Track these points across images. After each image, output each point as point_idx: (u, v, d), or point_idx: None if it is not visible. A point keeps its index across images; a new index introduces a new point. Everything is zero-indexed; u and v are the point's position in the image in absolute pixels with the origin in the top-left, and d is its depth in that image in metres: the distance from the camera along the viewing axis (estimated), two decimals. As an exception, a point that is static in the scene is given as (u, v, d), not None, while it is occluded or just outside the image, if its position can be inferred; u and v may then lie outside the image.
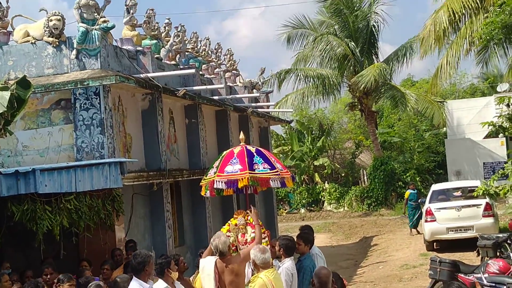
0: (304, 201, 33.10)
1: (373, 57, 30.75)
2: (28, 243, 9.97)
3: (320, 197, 33.04)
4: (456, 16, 16.91)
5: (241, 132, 9.62)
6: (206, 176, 8.98)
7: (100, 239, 10.52)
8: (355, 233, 25.45)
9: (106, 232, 10.71)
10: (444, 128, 32.20)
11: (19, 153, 11.38)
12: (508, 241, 12.39)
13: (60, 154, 11.21)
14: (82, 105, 11.17)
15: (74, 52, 11.43)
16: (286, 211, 33.66)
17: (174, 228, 14.20)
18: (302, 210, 32.84)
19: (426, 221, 17.59)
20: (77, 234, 10.12)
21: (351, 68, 29.96)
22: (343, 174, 34.34)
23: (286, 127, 35.25)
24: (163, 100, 13.40)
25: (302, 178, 34.04)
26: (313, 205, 33.04)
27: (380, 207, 29.96)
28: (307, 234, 9.17)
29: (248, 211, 8.78)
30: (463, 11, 16.59)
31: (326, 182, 33.65)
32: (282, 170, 8.96)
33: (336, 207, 32.16)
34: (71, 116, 11.25)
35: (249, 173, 8.49)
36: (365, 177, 32.92)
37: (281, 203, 33.87)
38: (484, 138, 27.55)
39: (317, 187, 33.35)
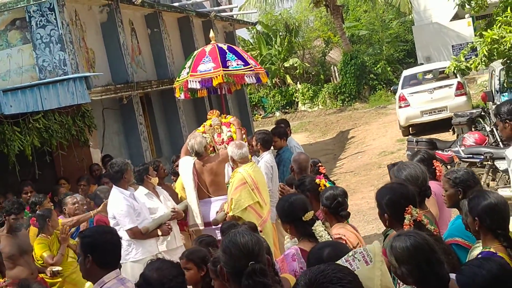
0: (278, 104, 33.04)
1: None
2: (4, 169, 9.83)
3: (293, 98, 32.94)
4: None
5: (211, 30, 9.37)
6: (179, 78, 8.78)
7: (76, 156, 10.41)
8: (331, 129, 25.56)
9: (81, 149, 10.61)
10: (411, 15, 31.88)
11: (-20, 78, 11.02)
12: (482, 113, 12.50)
13: (22, 76, 10.86)
14: (38, 22, 10.75)
15: (21, -33, 10.89)
16: (261, 116, 33.64)
17: (150, 140, 14.10)
18: (277, 113, 32.80)
19: (400, 107, 17.63)
20: (51, 153, 9.98)
21: (312, -38, 29.17)
22: (313, 73, 34.11)
23: (252, 31, 34.64)
24: (122, 11, 12.97)
25: (273, 81, 33.79)
26: (288, 107, 32.99)
27: (353, 102, 29.97)
28: (278, 129, 9.13)
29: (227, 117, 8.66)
30: None
31: (298, 82, 33.45)
32: (255, 66, 8.79)
33: (310, 106, 32.13)
34: (29, 36, 10.84)
35: (223, 70, 8.31)
36: (337, 74, 32.73)
37: (256, 108, 33.77)
38: (451, 20, 27.35)
39: (289, 88, 33.19)
